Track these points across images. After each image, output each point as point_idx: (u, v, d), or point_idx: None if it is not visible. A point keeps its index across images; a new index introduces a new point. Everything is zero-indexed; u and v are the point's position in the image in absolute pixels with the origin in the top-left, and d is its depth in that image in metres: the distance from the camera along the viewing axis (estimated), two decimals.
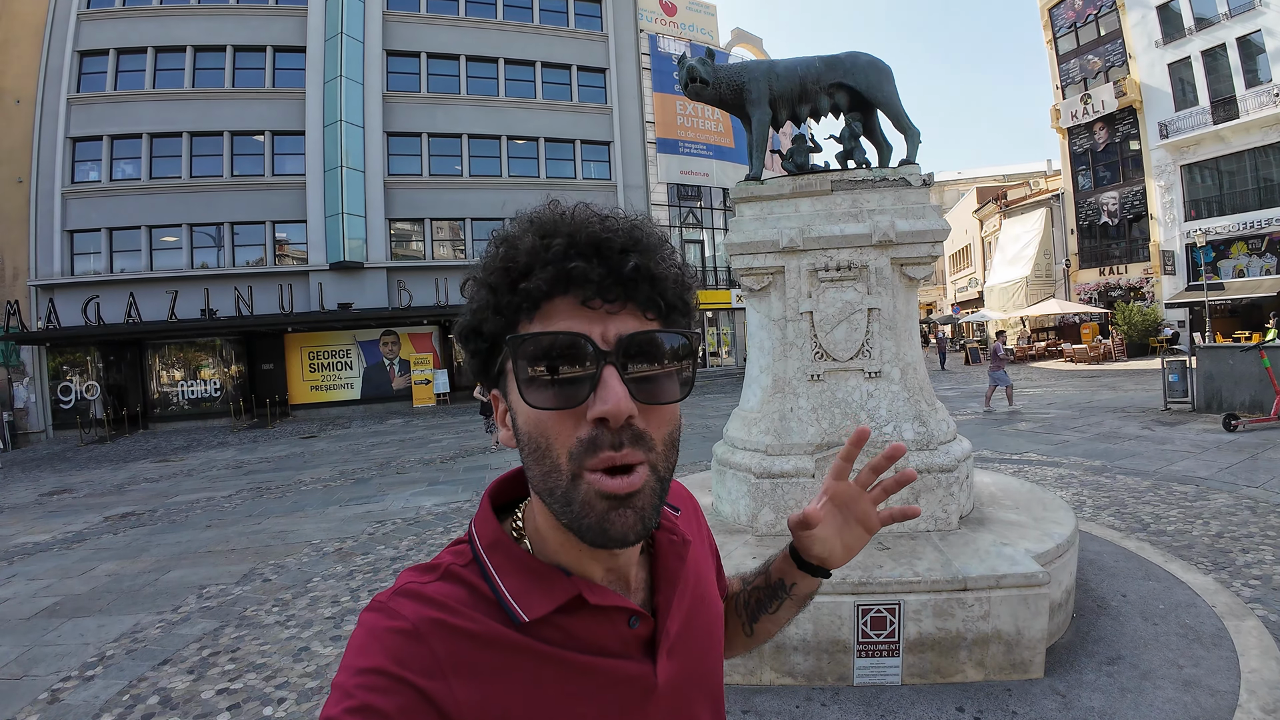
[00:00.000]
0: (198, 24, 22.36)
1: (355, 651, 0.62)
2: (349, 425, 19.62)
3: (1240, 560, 4.74)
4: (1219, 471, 7.38)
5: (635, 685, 0.69)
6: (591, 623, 0.69)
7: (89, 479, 12.82)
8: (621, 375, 0.63)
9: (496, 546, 0.71)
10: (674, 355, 0.67)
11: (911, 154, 4.37)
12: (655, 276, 0.66)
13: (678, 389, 0.68)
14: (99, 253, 21.53)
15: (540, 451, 0.64)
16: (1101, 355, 24.25)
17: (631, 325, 0.65)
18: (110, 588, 5.94)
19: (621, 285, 0.64)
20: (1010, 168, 51.88)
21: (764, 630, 1.02)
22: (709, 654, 0.82)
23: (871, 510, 0.89)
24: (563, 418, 0.63)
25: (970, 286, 40.64)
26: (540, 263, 0.64)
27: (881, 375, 4.03)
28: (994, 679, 3.17)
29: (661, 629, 0.73)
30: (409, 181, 23.68)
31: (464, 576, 0.69)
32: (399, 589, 0.68)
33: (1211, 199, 24.15)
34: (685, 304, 0.71)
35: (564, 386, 0.62)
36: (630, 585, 0.75)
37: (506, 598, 0.67)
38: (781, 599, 0.97)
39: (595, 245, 0.64)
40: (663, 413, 0.66)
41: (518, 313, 0.65)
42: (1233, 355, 11.41)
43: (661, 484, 0.66)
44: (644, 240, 0.67)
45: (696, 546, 0.85)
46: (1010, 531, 3.75)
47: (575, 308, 0.64)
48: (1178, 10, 24.41)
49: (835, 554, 0.90)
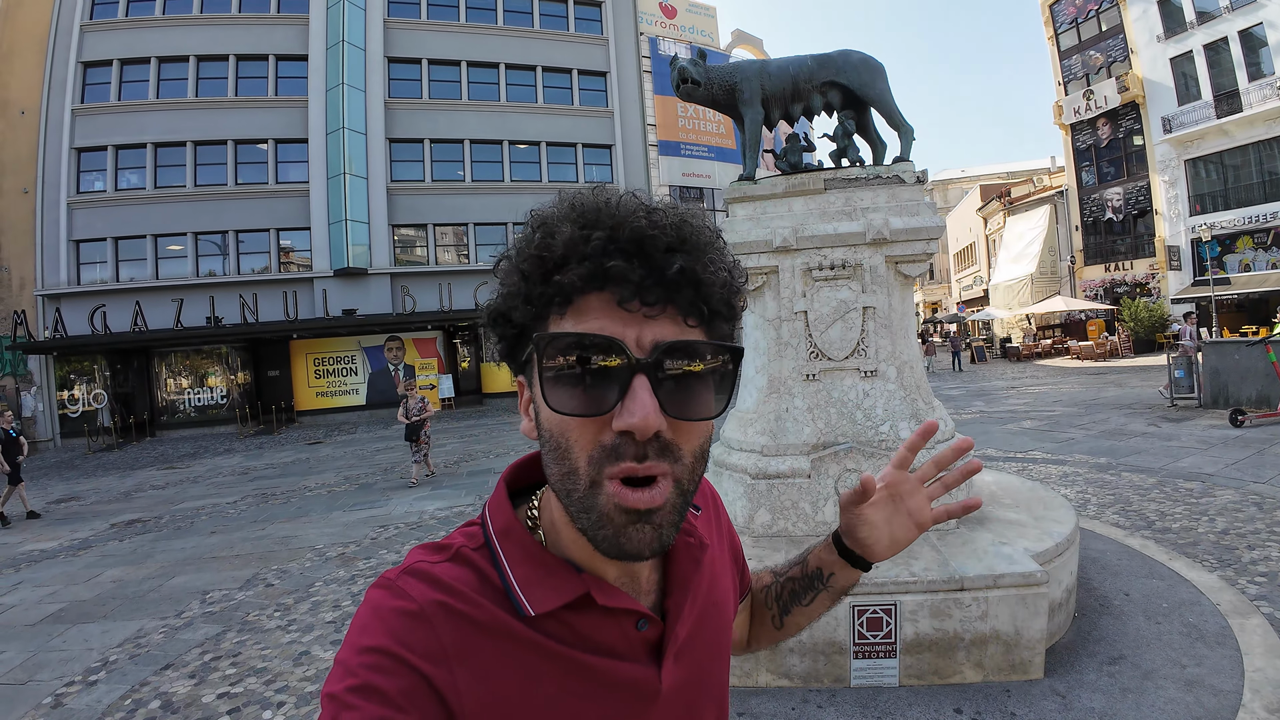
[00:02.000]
0: (200, 34, 22.48)
1: (360, 629, 0.61)
2: (354, 431, 19.67)
3: (1246, 557, 4.70)
4: (1225, 467, 7.32)
5: (639, 689, 0.68)
6: (599, 622, 0.67)
7: (96, 486, 12.90)
8: (653, 386, 0.59)
9: (509, 534, 0.69)
10: (713, 368, 0.62)
11: (905, 151, 4.36)
12: (701, 280, 0.62)
13: (713, 404, 0.63)
14: (105, 262, 21.66)
15: (560, 452, 0.62)
16: (1108, 352, 24.12)
17: (670, 332, 0.61)
18: (115, 594, 5.98)
19: (663, 287, 0.60)
20: (1014, 165, 51.68)
21: (794, 623, 1.00)
22: (716, 660, 0.80)
23: (925, 504, 0.88)
24: (586, 424, 0.60)
25: (975, 284, 40.47)
26: (578, 256, 0.60)
27: (877, 374, 4.01)
28: (993, 680, 3.15)
29: (670, 634, 0.71)
30: (412, 187, 23.74)
31: (474, 561, 0.67)
32: (408, 567, 0.66)
33: (1216, 193, 24.01)
34: (731, 309, 0.67)
35: (590, 392, 0.59)
36: (642, 587, 0.74)
37: (515, 589, 0.65)
38: (817, 590, 0.95)
39: (638, 242, 0.60)
40: (694, 426, 0.63)
41: (549, 305, 0.62)
42: (1239, 350, 11.32)
43: (684, 498, 0.63)
44: (692, 239, 0.63)
45: (714, 549, 0.83)
46: (1009, 530, 3.73)
47: (611, 307, 0.60)
48: (1179, 4, 24.30)
49: (880, 543, 0.88)
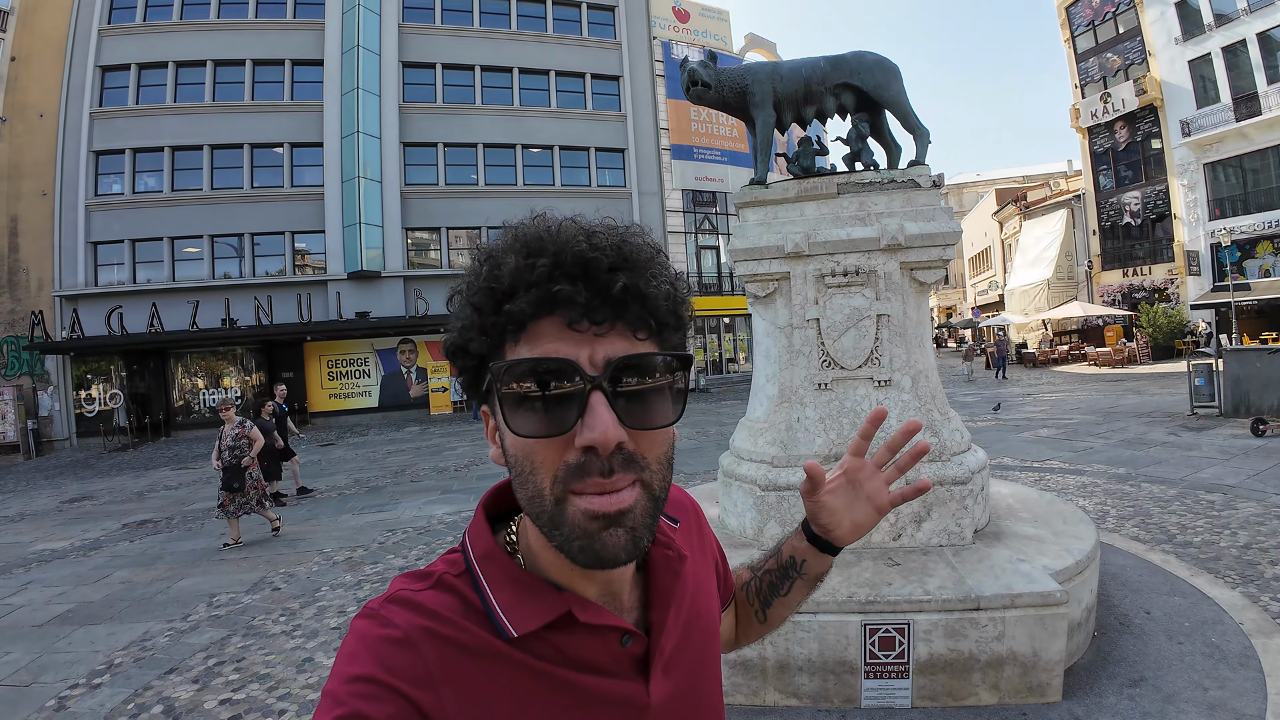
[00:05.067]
0: (217, 39, 22.70)
1: (347, 658, 0.62)
2: (366, 433, 19.74)
3: (1269, 573, 4.56)
4: (1247, 479, 7.16)
5: (628, 704, 0.68)
6: (583, 641, 0.67)
7: (110, 486, 12.99)
8: (610, 401, 0.60)
9: (489, 558, 0.69)
10: (665, 376, 0.65)
11: (921, 154, 4.26)
12: (645, 295, 0.64)
13: (670, 411, 0.65)
14: (122, 264, 21.89)
15: (525, 475, 0.63)
16: (1126, 359, 23.81)
17: (621, 347, 0.63)
18: (123, 595, 5.98)
19: (609, 306, 0.62)
20: (1030, 169, 51.21)
21: (777, 615, 1.02)
22: (706, 670, 0.80)
23: (882, 488, 0.90)
24: (549, 444, 0.61)
25: (990, 289, 40.12)
26: (525, 284, 0.61)
27: (891, 384, 3.92)
28: (1009, 702, 3.05)
29: (655, 647, 0.71)
30: (425, 191, 23.83)
31: (456, 586, 0.68)
32: (391, 596, 0.67)
33: (1236, 197, 23.69)
34: (678, 320, 0.69)
35: (550, 413, 0.61)
36: (624, 604, 0.73)
37: (496, 611, 0.65)
38: (793, 579, 0.98)
39: (582, 265, 0.61)
40: (655, 435, 0.64)
41: (503, 334, 0.63)
42: (1260, 358, 11.12)
43: (655, 502, 0.64)
44: (633, 257, 0.65)
45: (694, 559, 0.83)
46: (1027, 546, 3.62)
47: (562, 330, 0.62)
48: (1197, 6, 24.01)
49: (841, 527, 0.91)
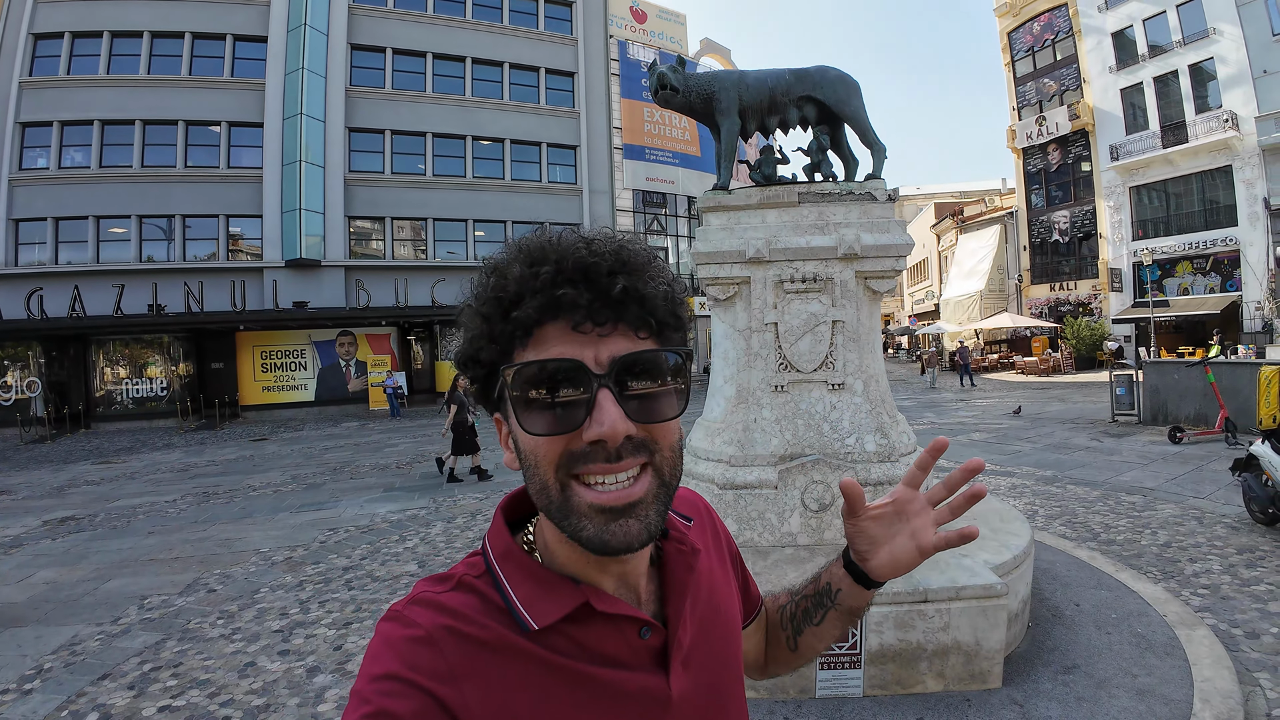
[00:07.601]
0: (156, 9, 21.62)
1: (371, 659, 0.64)
2: (301, 428, 19.13)
3: (1188, 570, 4.89)
4: (1166, 482, 7.62)
5: (649, 698, 0.69)
6: (602, 633, 0.69)
7: (28, 480, 12.24)
8: (616, 397, 0.64)
9: (508, 557, 0.72)
10: (667, 372, 0.69)
11: (877, 169, 4.41)
12: (644, 296, 0.68)
13: (675, 405, 0.69)
14: (44, 243, 20.68)
15: (532, 469, 0.66)
16: (1051, 368, 25.01)
17: (623, 346, 0.66)
18: (48, 597, 5.66)
19: (610, 308, 0.66)
20: (967, 185, 53.13)
21: (808, 645, 0.98)
22: (727, 667, 0.81)
23: (929, 526, 0.85)
24: (557, 440, 0.65)
25: (927, 299, 41.49)
26: (530, 291, 0.65)
27: (845, 387, 4.05)
28: (954, 689, 3.20)
29: (673, 639, 0.73)
30: (370, 179, 23.21)
31: (477, 586, 0.70)
32: (414, 598, 0.70)
33: (1159, 219, 25.13)
34: (677, 319, 0.72)
35: (560, 412, 0.64)
36: (640, 596, 0.76)
37: (517, 606, 0.68)
38: (827, 608, 0.94)
39: (583, 270, 0.65)
40: (662, 428, 0.68)
41: (512, 340, 0.67)
42: (1178, 370, 11.80)
43: (666, 488, 0.68)
44: (631, 261, 0.69)
45: (707, 556, 0.85)
46: (968, 543, 3.79)
47: (567, 333, 0.65)
48: (1132, 37, 25.40)
49: (878, 558, 0.87)
